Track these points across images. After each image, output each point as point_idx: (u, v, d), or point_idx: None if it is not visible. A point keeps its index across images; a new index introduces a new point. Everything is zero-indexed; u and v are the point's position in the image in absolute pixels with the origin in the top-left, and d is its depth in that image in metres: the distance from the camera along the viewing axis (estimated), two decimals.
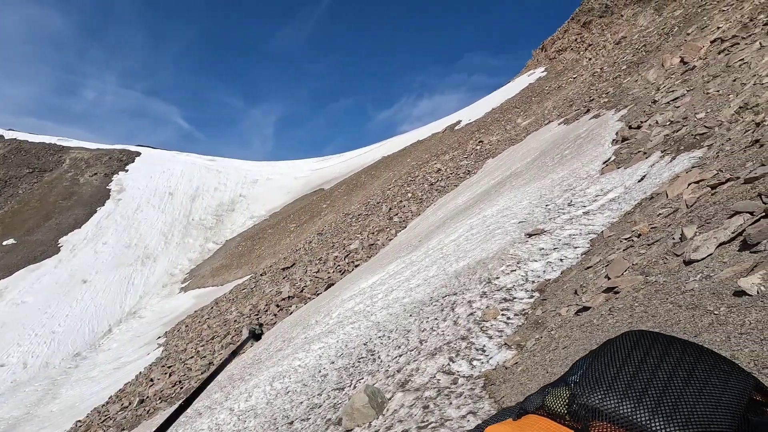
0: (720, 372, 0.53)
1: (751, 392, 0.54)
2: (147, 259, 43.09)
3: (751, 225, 2.87)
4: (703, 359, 0.55)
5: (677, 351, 0.55)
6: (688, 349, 0.56)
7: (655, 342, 0.57)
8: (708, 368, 0.53)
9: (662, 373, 0.53)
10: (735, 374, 0.54)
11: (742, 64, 8.38)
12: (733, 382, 0.53)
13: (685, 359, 0.54)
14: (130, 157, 65.55)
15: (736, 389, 0.52)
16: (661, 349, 0.56)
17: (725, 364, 0.55)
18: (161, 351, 20.77)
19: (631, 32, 25.94)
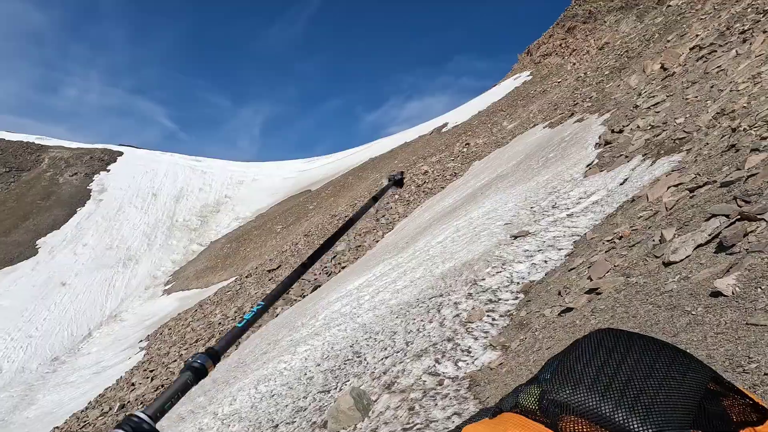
0: (679, 365, 0.57)
1: (707, 383, 0.57)
2: (129, 261, 42.24)
3: (726, 228, 2.96)
4: (663, 353, 0.58)
5: (639, 347, 0.59)
6: (650, 345, 0.59)
7: (619, 339, 0.61)
8: (668, 362, 0.57)
9: (626, 367, 0.57)
10: (693, 367, 0.57)
11: (720, 71, 8.63)
12: (691, 374, 0.56)
13: (646, 354, 0.58)
14: (112, 157, 64.22)
15: (693, 381, 0.56)
16: (625, 345, 0.60)
17: (684, 357, 0.59)
18: (143, 355, 20.36)
19: (614, 38, 26.50)
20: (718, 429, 0.54)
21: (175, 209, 51.78)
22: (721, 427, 0.55)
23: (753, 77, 6.87)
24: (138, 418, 0.66)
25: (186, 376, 0.77)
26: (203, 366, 0.79)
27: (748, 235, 2.73)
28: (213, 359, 0.81)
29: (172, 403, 0.73)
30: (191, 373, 0.77)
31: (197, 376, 0.78)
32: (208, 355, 0.81)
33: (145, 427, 0.66)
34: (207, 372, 0.80)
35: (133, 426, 0.65)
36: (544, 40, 37.41)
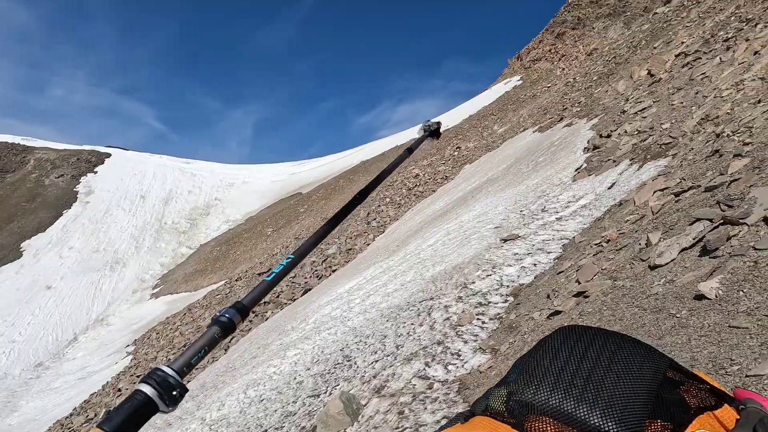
0: (637, 357, 0.59)
1: (665, 372, 0.60)
2: (116, 264, 41.62)
3: (710, 231, 3.01)
4: (623, 347, 0.61)
5: (600, 342, 0.62)
6: (610, 339, 0.62)
7: (581, 336, 0.63)
8: (626, 355, 0.59)
9: (587, 363, 0.59)
10: (650, 358, 0.60)
11: (704, 78, 8.81)
12: (648, 364, 0.59)
13: (606, 349, 0.60)
14: (100, 159, 63.34)
15: (651, 371, 0.58)
16: (586, 341, 0.62)
17: (642, 348, 0.61)
18: (130, 360, 20.04)
19: (602, 44, 26.91)
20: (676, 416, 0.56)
21: (163, 212, 51.19)
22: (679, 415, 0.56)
23: (736, 84, 7.02)
24: (163, 372, 0.64)
25: (213, 330, 0.73)
26: (231, 321, 0.75)
27: (730, 239, 2.78)
28: (241, 314, 0.77)
29: (199, 358, 0.70)
30: (219, 328, 0.74)
31: (225, 331, 0.74)
32: (236, 310, 0.77)
33: (170, 382, 0.63)
34: (235, 327, 0.76)
35: (157, 380, 0.63)
36: (534, 46, 37.85)
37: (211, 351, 0.72)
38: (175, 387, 0.64)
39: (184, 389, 0.65)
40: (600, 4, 32.65)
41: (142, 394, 0.61)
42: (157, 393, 0.62)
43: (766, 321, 1.94)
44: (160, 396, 0.62)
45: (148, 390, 0.62)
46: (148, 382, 0.62)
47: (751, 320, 2.01)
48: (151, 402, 0.61)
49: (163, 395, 0.62)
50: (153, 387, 0.62)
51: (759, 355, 1.78)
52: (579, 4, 34.56)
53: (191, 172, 62.80)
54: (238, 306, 0.77)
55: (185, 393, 0.65)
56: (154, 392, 0.62)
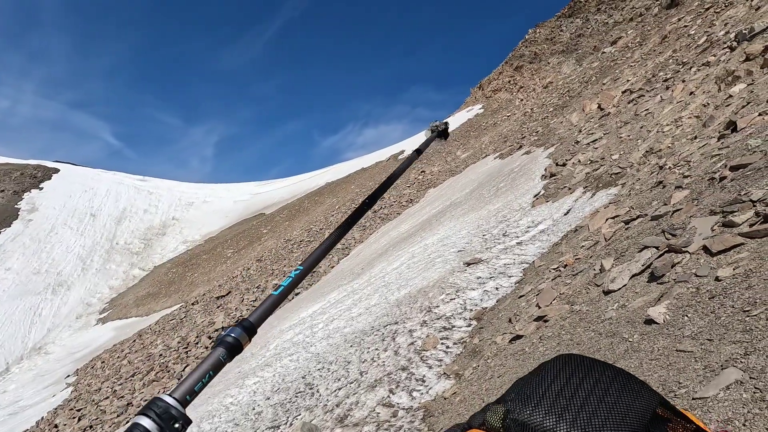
0: (630, 390, 0.63)
1: (655, 408, 0.63)
2: (59, 287, 38.73)
3: (657, 258, 3.21)
4: (617, 379, 0.65)
5: (597, 372, 0.66)
6: (606, 371, 0.66)
7: (580, 364, 0.67)
8: (620, 387, 0.63)
9: (582, 391, 0.62)
10: (643, 393, 0.64)
11: (647, 114, 9.54)
12: (640, 400, 0.62)
13: (602, 379, 0.64)
14: (47, 174, 59.63)
15: (641, 406, 0.62)
16: (584, 370, 0.66)
17: (635, 383, 0.65)
18: (70, 392, 18.45)
19: (557, 78, 28.69)
20: None
21: (115, 231, 48.53)
22: None
23: (675, 121, 7.65)
24: (164, 402, 0.58)
25: (218, 353, 0.67)
26: (238, 341, 0.69)
27: (675, 266, 2.98)
28: (248, 333, 0.71)
29: (203, 384, 0.64)
30: (224, 350, 0.68)
31: (231, 352, 0.69)
32: (242, 328, 0.71)
33: (172, 413, 0.57)
34: (242, 347, 0.70)
35: (158, 411, 0.57)
36: (495, 77, 39.78)
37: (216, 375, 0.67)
38: (178, 419, 0.58)
39: (188, 421, 0.59)
40: (554, 41, 34.98)
41: (141, 429, 0.56)
42: (157, 426, 0.56)
43: (708, 345, 2.07)
44: (160, 429, 0.56)
45: (147, 423, 0.56)
46: (147, 414, 0.57)
47: (695, 344, 2.14)
48: None
49: (164, 429, 0.57)
50: (153, 420, 0.57)
51: (704, 378, 1.89)
52: (535, 40, 36.87)
53: (147, 190, 60.26)
54: (245, 324, 0.72)
55: (189, 425, 0.60)
56: (154, 425, 0.56)
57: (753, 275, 2.33)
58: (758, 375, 1.71)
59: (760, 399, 1.61)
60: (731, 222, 2.93)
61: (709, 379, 1.86)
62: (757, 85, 6.06)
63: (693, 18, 13.93)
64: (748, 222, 2.85)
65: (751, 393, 1.66)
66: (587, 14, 34.19)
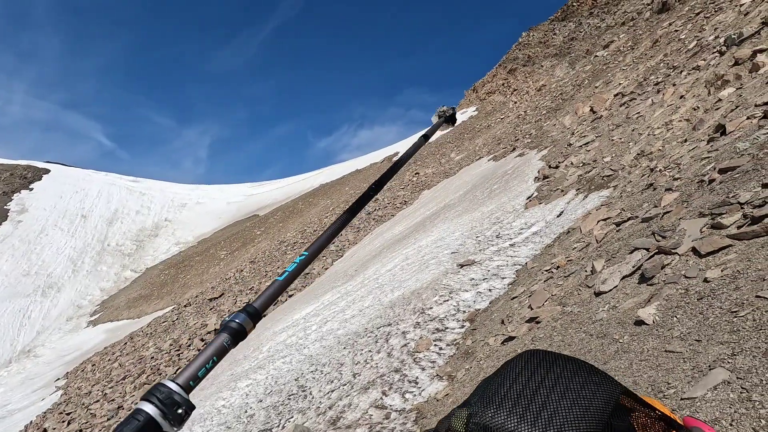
0: (591, 384, 0.63)
1: (618, 399, 0.63)
2: (49, 288, 38.27)
3: (647, 260, 3.24)
4: (579, 373, 0.65)
5: (559, 367, 0.65)
6: (568, 365, 0.66)
7: (542, 360, 0.67)
8: (582, 380, 0.63)
9: (544, 388, 0.62)
10: (604, 385, 0.64)
11: (639, 117, 9.64)
12: (601, 392, 0.62)
13: (564, 374, 0.64)
14: (37, 175, 58.96)
15: (603, 398, 0.62)
16: (546, 366, 0.66)
17: (597, 375, 0.65)
18: (59, 395, 18.22)
19: (550, 81, 28.90)
20: None
21: (107, 232, 48.07)
22: None
23: (666, 124, 7.74)
24: (167, 388, 0.57)
25: (222, 338, 0.67)
26: (242, 327, 0.69)
27: (665, 267, 3.01)
28: (253, 319, 0.71)
29: (207, 370, 0.63)
30: (228, 335, 0.67)
31: (235, 338, 0.68)
32: (247, 314, 0.70)
33: (175, 398, 0.57)
34: (246, 333, 0.70)
35: (160, 397, 0.56)
36: (489, 79, 39.99)
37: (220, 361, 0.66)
38: (181, 404, 0.57)
39: (191, 406, 0.59)
40: (548, 44, 35.26)
41: (143, 414, 0.55)
42: (160, 412, 0.56)
43: (696, 346, 2.09)
44: (163, 415, 0.56)
45: (149, 409, 0.56)
46: (149, 399, 0.56)
47: (684, 345, 2.16)
48: (153, 423, 0.55)
49: (167, 414, 0.56)
50: (155, 405, 0.56)
51: (692, 378, 1.91)
52: (529, 43, 37.14)
53: (140, 191, 59.78)
54: (249, 310, 0.71)
55: (192, 410, 0.59)
56: (157, 411, 0.56)
57: (740, 276, 2.36)
58: (745, 375, 1.73)
59: (747, 399, 1.63)
60: (719, 224, 2.96)
61: (697, 380, 1.87)
62: (746, 89, 6.15)
63: (683, 23, 14.11)
64: (736, 224, 2.89)
65: (738, 393, 1.68)
66: (580, 18, 34.51)
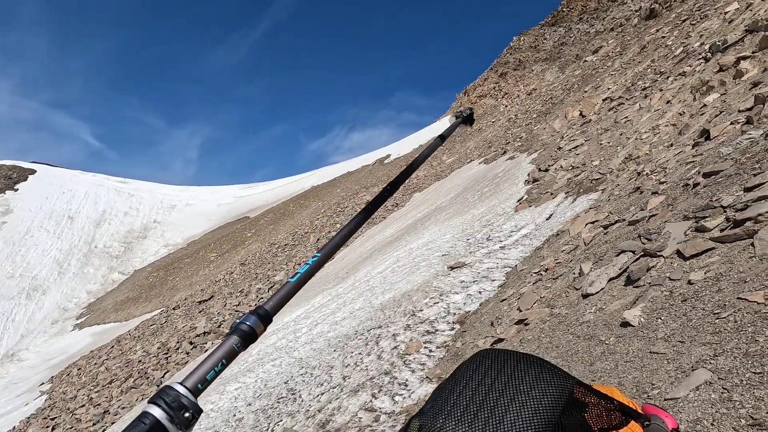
0: (541, 382, 0.62)
1: (571, 394, 0.62)
2: (34, 291, 37.57)
3: (633, 262, 3.28)
4: (529, 372, 0.63)
5: (509, 368, 0.65)
6: (519, 365, 0.65)
7: (493, 361, 0.66)
8: (531, 381, 0.62)
9: (494, 393, 0.62)
10: (555, 382, 0.63)
11: (627, 121, 9.78)
12: (551, 390, 0.61)
13: (514, 375, 0.63)
14: (22, 175, 57.95)
15: (553, 397, 0.61)
16: (497, 368, 0.65)
17: (547, 373, 0.64)
18: (44, 400, 17.88)
19: (540, 85, 29.20)
20: None
21: (94, 234, 47.37)
22: None
23: (653, 128, 7.86)
24: (174, 391, 0.56)
25: (232, 341, 0.65)
26: (252, 329, 0.67)
27: (650, 269, 3.05)
28: (263, 321, 0.69)
29: (216, 373, 0.62)
30: (238, 338, 0.66)
31: (246, 341, 0.67)
32: (257, 316, 0.69)
33: (183, 402, 0.55)
34: (257, 336, 0.68)
35: (168, 400, 0.55)
36: (480, 83, 40.28)
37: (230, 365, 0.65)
38: (188, 408, 0.56)
39: (198, 410, 0.57)
40: (538, 49, 35.65)
41: (150, 418, 0.54)
42: (167, 416, 0.54)
43: (680, 347, 2.13)
44: (170, 419, 0.54)
45: (157, 412, 0.54)
46: (156, 402, 0.55)
47: (668, 346, 2.19)
48: (160, 426, 0.54)
49: (174, 418, 0.55)
50: (163, 409, 0.55)
51: (675, 379, 1.94)
52: (520, 47, 37.51)
53: (128, 192, 59.05)
54: (260, 312, 0.70)
55: (200, 414, 0.58)
56: (164, 415, 0.54)
57: (723, 279, 2.40)
58: (726, 375, 1.76)
59: (728, 399, 1.66)
60: (703, 227, 3.02)
61: (680, 380, 1.90)
62: (730, 94, 6.27)
63: (670, 29, 14.37)
64: (719, 227, 2.95)
65: (719, 393, 1.71)
66: (570, 23, 34.95)
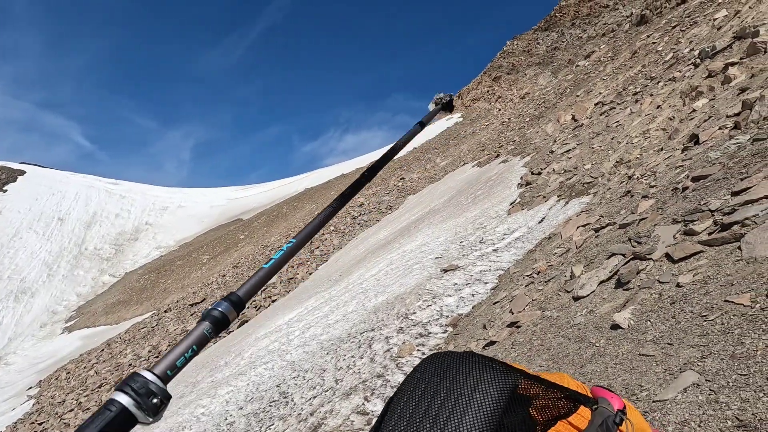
0: (483, 383, 0.62)
1: (513, 390, 0.61)
2: (22, 294, 37.03)
3: (623, 265, 3.32)
4: (472, 374, 0.63)
5: (453, 371, 0.64)
6: (462, 367, 0.65)
7: (440, 365, 0.66)
8: (473, 383, 0.62)
9: (438, 398, 0.62)
10: (496, 381, 0.62)
11: (618, 125, 9.89)
12: (492, 391, 0.61)
13: (458, 378, 0.63)
14: (11, 176, 57.19)
15: (494, 397, 0.60)
16: (442, 373, 0.65)
17: (489, 372, 0.63)
18: (31, 405, 17.60)
19: (533, 89, 29.44)
20: None
21: (85, 236, 46.83)
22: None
23: (643, 133, 7.96)
24: (142, 377, 0.55)
25: (203, 327, 0.64)
26: (224, 315, 0.66)
27: (640, 272, 3.08)
28: (236, 307, 0.68)
29: (186, 360, 0.60)
30: (210, 324, 0.64)
31: (217, 327, 0.65)
32: (230, 302, 0.67)
33: (151, 388, 0.54)
34: (229, 322, 0.67)
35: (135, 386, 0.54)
36: (474, 86, 40.51)
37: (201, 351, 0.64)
38: (157, 394, 0.55)
39: (167, 396, 0.56)
40: (531, 53, 35.95)
41: (116, 405, 0.53)
42: (134, 402, 0.53)
43: (669, 349, 2.15)
44: (138, 405, 0.54)
45: (123, 399, 0.53)
46: (123, 390, 0.54)
47: (656, 348, 2.22)
48: (127, 413, 0.53)
49: (142, 404, 0.54)
50: (129, 395, 0.54)
51: (663, 381, 1.96)
52: (513, 51, 37.80)
53: (120, 193, 58.50)
54: (233, 298, 0.69)
55: (168, 400, 0.56)
56: (132, 401, 0.53)
57: (710, 281, 2.44)
58: (713, 377, 1.79)
59: (714, 401, 1.68)
60: (692, 230, 3.06)
61: (668, 382, 1.92)
62: (718, 100, 6.37)
63: (661, 35, 14.57)
64: (707, 230, 2.99)
65: (706, 395, 1.73)
66: (562, 28, 35.30)
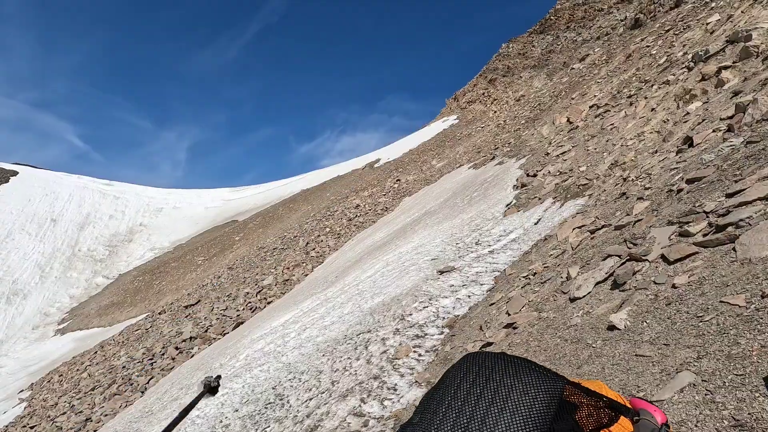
0: (531, 388, 0.61)
1: (561, 396, 0.61)
2: (14, 295, 36.63)
3: (619, 266, 3.33)
4: (519, 377, 0.62)
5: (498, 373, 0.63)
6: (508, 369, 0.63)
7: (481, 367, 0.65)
8: (523, 387, 0.61)
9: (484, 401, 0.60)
10: (545, 385, 0.61)
11: (613, 128, 9.96)
12: (542, 395, 0.60)
13: (504, 382, 0.62)
14: (4, 177, 56.65)
15: (545, 402, 0.60)
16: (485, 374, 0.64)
17: (537, 377, 0.62)
18: (23, 408, 17.39)
19: (529, 92, 29.58)
20: None
21: (78, 237, 46.44)
22: None
23: (638, 135, 8.01)
24: None
25: None
26: None
27: (636, 273, 3.10)
28: None
29: None
30: None
31: None
32: None
33: None
34: None
35: None
36: (469, 89, 40.66)
37: None
38: None
39: None
40: (527, 56, 36.13)
41: None
42: None
43: (665, 349, 2.16)
44: None
45: None
46: None
47: (653, 349, 2.23)
48: None
49: None
50: None
51: (660, 381, 1.97)
52: (508, 54, 37.98)
53: (113, 194, 58.09)
54: None
55: None
56: None
57: (706, 282, 2.45)
58: (709, 378, 1.80)
59: (711, 401, 1.69)
60: (687, 232, 3.08)
61: (665, 383, 1.93)
62: (712, 103, 6.43)
63: (655, 39, 14.70)
64: (702, 232, 3.01)
65: (702, 395, 1.74)
66: (557, 31, 35.52)
